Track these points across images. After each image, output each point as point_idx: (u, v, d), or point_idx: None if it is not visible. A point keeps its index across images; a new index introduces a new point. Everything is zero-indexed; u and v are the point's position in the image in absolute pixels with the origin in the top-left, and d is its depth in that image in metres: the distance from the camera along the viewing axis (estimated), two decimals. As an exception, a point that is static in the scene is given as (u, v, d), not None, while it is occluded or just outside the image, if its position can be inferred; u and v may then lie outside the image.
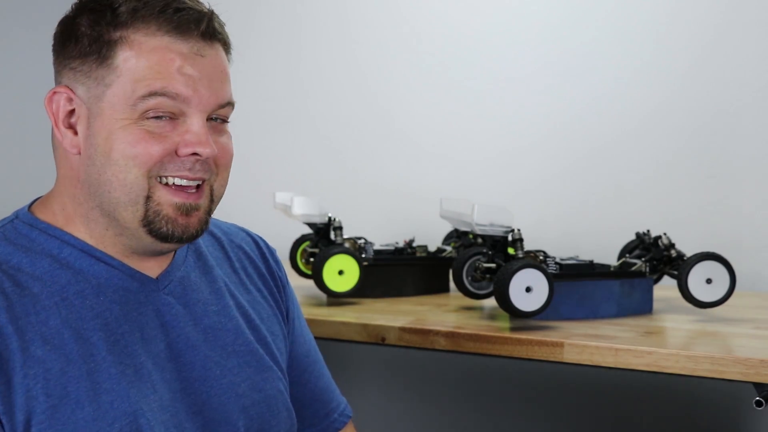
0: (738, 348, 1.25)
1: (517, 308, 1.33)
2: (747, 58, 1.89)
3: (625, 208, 2.01)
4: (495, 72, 2.15)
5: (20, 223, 0.95)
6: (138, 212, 0.91)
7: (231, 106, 0.97)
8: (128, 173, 0.90)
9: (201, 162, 0.93)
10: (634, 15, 2.00)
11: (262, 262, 1.13)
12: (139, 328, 0.94)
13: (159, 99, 0.90)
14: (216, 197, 0.98)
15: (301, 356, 1.15)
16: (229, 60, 0.99)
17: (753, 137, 1.89)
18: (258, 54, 2.42)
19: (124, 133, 0.90)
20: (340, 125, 2.37)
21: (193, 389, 0.96)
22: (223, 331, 1.01)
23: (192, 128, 0.92)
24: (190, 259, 1.03)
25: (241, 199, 2.23)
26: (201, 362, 0.97)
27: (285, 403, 1.05)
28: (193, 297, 1.00)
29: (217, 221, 1.14)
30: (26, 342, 0.87)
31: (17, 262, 0.91)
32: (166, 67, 0.90)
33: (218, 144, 0.95)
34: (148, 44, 0.90)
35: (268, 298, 1.11)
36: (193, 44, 0.92)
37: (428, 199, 2.00)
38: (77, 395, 0.87)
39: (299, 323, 1.17)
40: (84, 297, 0.92)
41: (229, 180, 1.00)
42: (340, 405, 1.18)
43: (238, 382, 0.99)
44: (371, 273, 1.66)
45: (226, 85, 0.96)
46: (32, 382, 0.86)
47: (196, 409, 0.95)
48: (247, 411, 0.99)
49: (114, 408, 0.88)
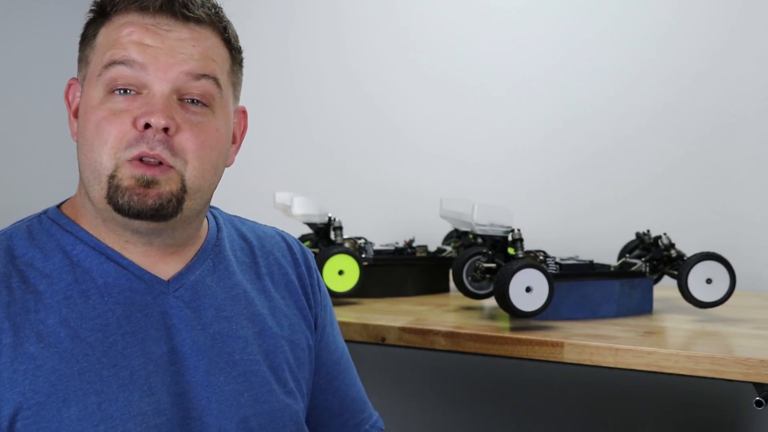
0: (738, 348, 1.25)
1: (517, 308, 1.33)
2: (747, 61, 1.89)
3: (625, 209, 2.01)
4: (496, 72, 2.15)
5: (46, 218, 0.97)
6: (102, 190, 0.91)
7: (211, 82, 0.94)
8: (94, 152, 0.91)
9: (161, 140, 0.90)
10: (636, 19, 2.01)
11: (294, 268, 1.11)
12: (141, 329, 0.93)
13: (118, 67, 0.91)
14: (191, 189, 0.93)
15: (331, 363, 1.13)
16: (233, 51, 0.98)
17: (752, 138, 1.89)
18: (258, 54, 2.42)
19: (93, 112, 0.91)
20: (341, 125, 2.37)
21: (193, 394, 0.94)
22: (232, 339, 0.99)
23: (150, 100, 0.91)
24: (207, 264, 1.01)
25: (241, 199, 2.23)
26: (205, 367, 0.96)
27: (293, 416, 1.02)
28: (204, 302, 0.99)
29: (253, 224, 1.13)
30: (20, 338, 0.87)
31: (31, 257, 0.92)
32: (127, 38, 0.91)
33: (188, 125, 0.92)
34: (118, 21, 0.93)
35: (293, 305, 1.08)
36: (159, 19, 0.92)
37: (428, 200, 2.00)
38: (65, 394, 0.87)
39: (331, 330, 1.14)
40: (87, 297, 0.92)
41: (215, 174, 0.96)
42: (372, 416, 1.16)
43: (241, 391, 0.97)
44: (371, 273, 1.66)
45: (203, 61, 0.93)
46: (21, 377, 0.86)
47: (195, 414, 0.94)
48: (247, 422, 0.97)
49: (101, 410, 0.87)
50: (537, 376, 2.02)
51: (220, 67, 0.96)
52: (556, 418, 2.03)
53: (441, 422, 2.15)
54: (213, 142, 0.94)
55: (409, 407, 2.18)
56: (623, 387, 1.93)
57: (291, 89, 2.44)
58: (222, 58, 0.96)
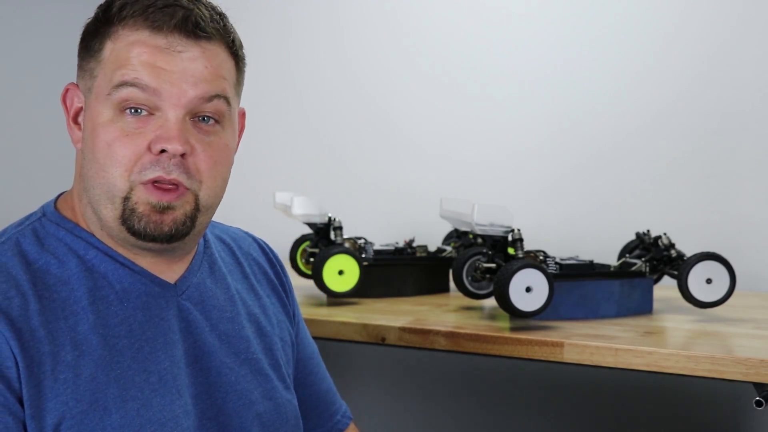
0: (738, 348, 1.25)
1: (517, 308, 1.33)
2: (747, 61, 1.89)
3: (625, 209, 2.01)
4: (497, 73, 2.15)
5: (48, 222, 0.96)
6: (116, 210, 0.91)
7: (223, 101, 0.93)
8: (107, 172, 0.90)
9: (177, 163, 0.90)
10: (637, 19, 2.00)
11: (270, 267, 1.13)
12: (162, 333, 0.94)
13: (130, 89, 0.89)
14: (204, 207, 0.94)
15: (306, 358, 1.16)
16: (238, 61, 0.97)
17: (752, 138, 1.89)
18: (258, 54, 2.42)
19: (104, 130, 0.90)
20: (341, 125, 2.37)
21: (209, 395, 0.96)
22: (237, 338, 1.01)
23: (165, 124, 0.90)
24: (204, 266, 1.03)
25: (241, 199, 2.23)
26: (217, 368, 0.97)
27: (294, 411, 1.05)
28: (209, 303, 1.00)
29: (224, 226, 1.14)
30: (57, 347, 0.87)
31: (45, 263, 0.91)
32: (138, 58, 0.90)
33: (202, 145, 0.92)
34: (129, 38, 0.91)
35: (277, 303, 1.11)
36: (171, 40, 0.90)
37: (428, 200, 2.00)
38: (105, 402, 0.87)
39: (303, 326, 1.18)
40: (109, 303, 0.92)
41: (224, 188, 0.97)
42: (342, 407, 1.20)
43: (251, 389, 1.00)
44: (371, 273, 1.66)
45: (215, 82, 0.92)
46: (62, 386, 0.86)
47: (211, 414, 0.95)
48: (261, 418, 0.99)
49: (140, 416, 0.88)
50: (537, 376, 2.02)
51: (229, 82, 0.95)
52: (556, 418, 2.03)
53: (441, 422, 2.15)
54: (224, 159, 0.95)
55: (409, 407, 2.18)
56: (623, 387, 1.93)
57: (291, 89, 2.43)
58: (230, 72, 0.96)
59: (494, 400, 2.09)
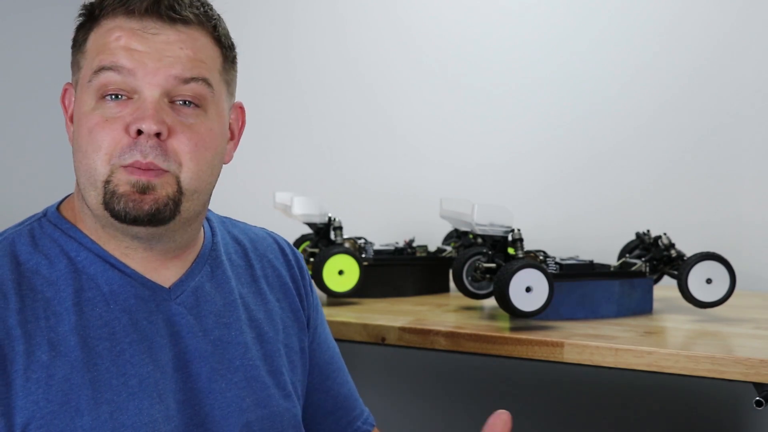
0: (738, 348, 1.25)
1: (517, 308, 1.33)
2: (747, 61, 1.89)
3: (625, 209, 2.01)
4: (496, 73, 2.15)
5: (47, 222, 0.96)
6: (99, 195, 0.91)
7: (201, 83, 0.93)
8: (89, 158, 0.91)
9: (153, 145, 0.89)
10: (636, 19, 2.00)
11: (287, 270, 1.11)
12: (147, 337, 0.93)
13: (107, 73, 0.90)
14: (187, 191, 0.92)
15: (324, 363, 1.14)
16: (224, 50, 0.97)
17: (753, 138, 1.89)
18: (258, 53, 2.42)
19: (86, 118, 0.91)
20: (341, 125, 2.37)
21: (197, 401, 0.95)
22: (232, 345, 0.99)
23: (141, 105, 0.90)
24: (206, 269, 1.02)
25: (240, 199, 2.23)
26: (207, 374, 0.96)
27: (292, 420, 1.03)
28: (205, 308, 0.99)
29: (245, 226, 1.13)
30: (33, 346, 0.87)
31: (36, 263, 0.92)
32: (115, 43, 0.91)
33: (181, 127, 0.91)
34: (107, 26, 0.92)
35: (287, 308, 1.09)
36: (145, 23, 0.91)
37: (428, 200, 2.00)
38: (78, 403, 0.87)
39: (323, 330, 1.15)
40: (94, 305, 0.92)
41: (211, 173, 0.95)
42: (364, 413, 1.17)
43: (243, 397, 0.98)
44: (371, 273, 1.66)
45: (190, 64, 0.92)
46: (34, 386, 0.86)
47: (197, 421, 0.94)
48: (250, 427, 0.98)
49: (113, 419, 0.88)
50: (537, 376, 2.02)
51: (210, 67, 0.95)
52: (556, 418, 2.03)
53: (441, 422, 2.15)
54: (207, 143, 0.94)
55: (409, 407, 2.18)
56: (623, 387, 1.93)
57: (291, 89, 2.43)
58: (212, 57, 0.95)
59: (494, 400, 2.09)
